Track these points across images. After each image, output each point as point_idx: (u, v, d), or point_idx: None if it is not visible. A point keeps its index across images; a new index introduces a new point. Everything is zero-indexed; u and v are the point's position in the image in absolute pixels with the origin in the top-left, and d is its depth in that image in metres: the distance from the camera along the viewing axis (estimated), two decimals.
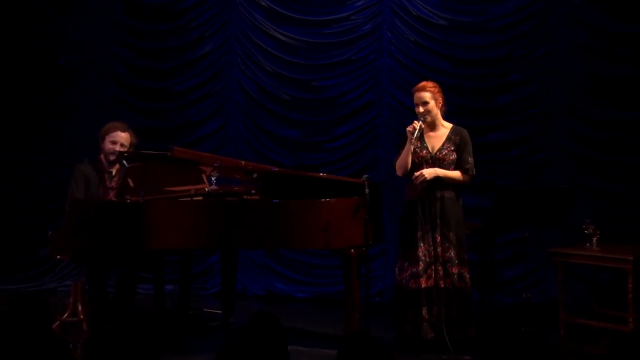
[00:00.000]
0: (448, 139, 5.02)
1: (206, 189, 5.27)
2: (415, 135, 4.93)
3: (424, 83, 5.11)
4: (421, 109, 5.01)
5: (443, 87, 5.21)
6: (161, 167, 5.36)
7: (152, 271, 5.91)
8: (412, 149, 4.99)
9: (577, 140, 6.62)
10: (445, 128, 5.07)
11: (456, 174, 4.98)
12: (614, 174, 6.51)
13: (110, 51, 7.56)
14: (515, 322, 5.72)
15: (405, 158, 5.01)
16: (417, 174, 4.92)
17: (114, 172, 5.68)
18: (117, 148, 5.55)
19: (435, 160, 4.98)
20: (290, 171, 6.19)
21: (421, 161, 5.00)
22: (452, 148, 5.01)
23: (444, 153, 4.99)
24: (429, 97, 5.02)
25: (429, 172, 4.90)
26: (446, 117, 5.16)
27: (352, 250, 4.87)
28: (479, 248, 5.63)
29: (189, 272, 6.02)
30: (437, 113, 5.05)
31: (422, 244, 4.95)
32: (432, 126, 5.07)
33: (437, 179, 4.93)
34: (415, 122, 4.96)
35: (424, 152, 5.01)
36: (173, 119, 7.49)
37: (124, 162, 5.31)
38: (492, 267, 5.68)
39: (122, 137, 5.61)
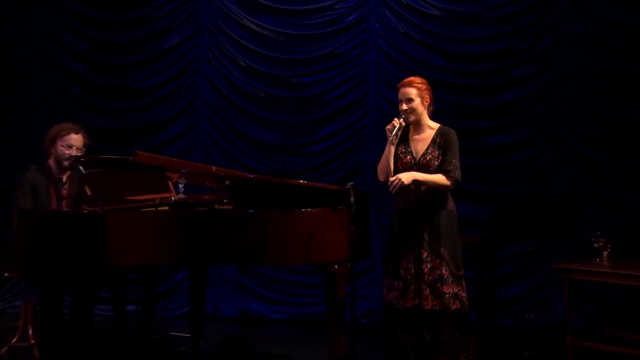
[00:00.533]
0: (433, 141, 4.94)
1: (173, 198, 5.27)
2: (394, 134, 4.86)
3: (410, 78, 5.06)
4: (404, 107, 4.94)
5: (437, 84, 5.23)
6: (122, 173, 5.35)
7: (112, 290, 5.89)
8: (392, 150, 4.95)
9: (585, 142, 6.68)
10: (431, 130, 4.99)
11: (438, 177, 4.86)
12: (627, 181, 6.55)
13: (61, 43, 7.54)
14: (517, 346, 5.75)
15: (387, 161, 4.98)
16: (392, 179, 4.79)
17: (64, 179, 5.67)
18: (73, 153, 5.54)
19: (420, 167, 4.90)
20: (267, 178, 6.19)
21: (405, 168, 4.92)
22: (437, 152, 4.92)
23: (427, 158, 4.91)
24: (415, 94, 4.96)
25: (406, 176, 4.78)
26: (440, 118, 5.10)
27: (336, 266, 4.87)
28: (477, 264, 5.65)
29: (153, 291, 6.00)
30: (422, 112, 4.98)
31: (403, 261, 4.94)
32: (418, 128, 5.01)
33: (418, 185, 4.90)
34: (395, 119, 4.89)
35: (408, 157, 4.96)
36: (135, 119, 7.49)
37: (81, 167, 5.31)
38: (492, 285, 5.70)
39: (76, 140, 5.59)
